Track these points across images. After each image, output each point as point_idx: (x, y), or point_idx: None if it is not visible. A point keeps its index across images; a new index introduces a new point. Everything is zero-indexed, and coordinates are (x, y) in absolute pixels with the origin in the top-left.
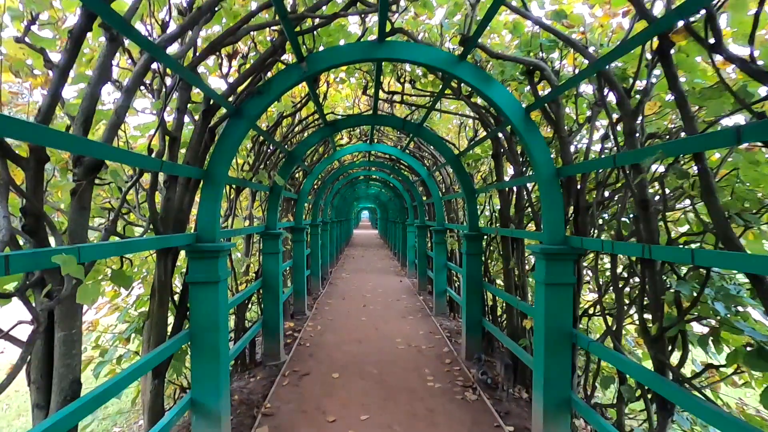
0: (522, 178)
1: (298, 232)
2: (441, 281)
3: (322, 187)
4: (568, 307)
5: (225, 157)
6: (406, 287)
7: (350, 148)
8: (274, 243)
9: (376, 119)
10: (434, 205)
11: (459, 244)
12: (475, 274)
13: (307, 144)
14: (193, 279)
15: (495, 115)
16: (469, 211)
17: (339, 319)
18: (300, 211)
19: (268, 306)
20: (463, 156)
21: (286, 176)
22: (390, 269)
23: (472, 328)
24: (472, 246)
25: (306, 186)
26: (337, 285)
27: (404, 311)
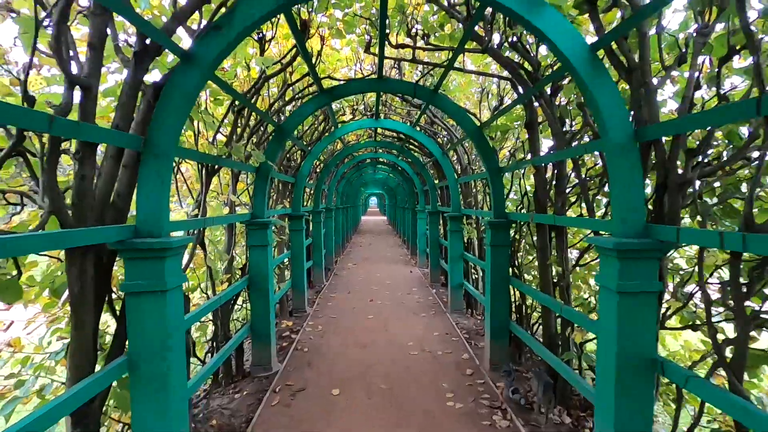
0: (578, 147)
1: (296, 220)
2: (457, 274)
3: (325, 170)
4: (651, 325)
5: (173, 121)
6: (417, 278)
7: (353, 124)
8: (262, 234)
9: (381, 84)
10: (449, 188)
11: (478, 232)
12: (501, 268)
13: (301, 115)
14: (131, 288)
15: (530, 72)
16: (494, 194)
17: (343, 318)
18: (298, 196)
19: (256, 307)
20: (486, 127)
21: (276, 154)
22: (399, 258)
23: (497, 333)
24: (497, 235)
25: (305, 168)
26: (343, 276)
27: (416, 307)
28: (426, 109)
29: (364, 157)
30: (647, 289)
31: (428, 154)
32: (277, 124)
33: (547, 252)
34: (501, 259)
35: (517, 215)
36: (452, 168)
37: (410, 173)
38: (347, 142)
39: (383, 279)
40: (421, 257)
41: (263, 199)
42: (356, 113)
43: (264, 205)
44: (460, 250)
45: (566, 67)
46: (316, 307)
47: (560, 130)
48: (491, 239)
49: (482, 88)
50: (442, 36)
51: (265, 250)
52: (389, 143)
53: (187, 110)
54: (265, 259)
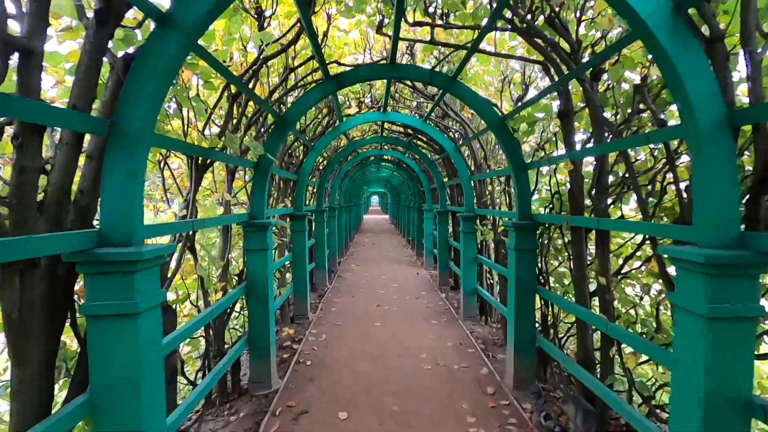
0: (644, 136)
1: (298, 220)
2: (470, 278)
3: (328, 167)
4: (747, 359)
5: (147, 100)
6: (425, 281)
7: (359, 117)
8: (261, 236)
9: (393, 70)
10: (461, 186)
11: (495, 234)
12: (526, 275)
13: (304, 104)
14: (93, 310)
15: (570, 54)
16: (518, 193)
17: (348, 325)
18: (300, 194)
19: (254, 318)
20: (510, 119)
21: (276, 147)
22: (404, 259)
23: (522, 347)
24: (522, 239)
25: (307, 164)
26: (347, 279)
27: (426, 313)
28: (441, 98)
29: (369, 154)
30: (743, 314)
31: (437, 150)
32: (278, 114)
33: (583, 259)
34: (526, 266)
35: (546, 217)
36: (465, 164)
37: (417, 171)
38: (352, 138)
39: (389, 281)
40: (427, 258)
41: (262, 198)
42: (362, 106)
43: (263, 205)
44: (473, 253)
45: (639, 32)
46: (320, 313)
47: (605, 119)
48: (515, 243)
49: (504, 76)
50: (463, 15)
51: (265, 254)
52: (395, 139)
53: (165, 85)
54: (264, 265)
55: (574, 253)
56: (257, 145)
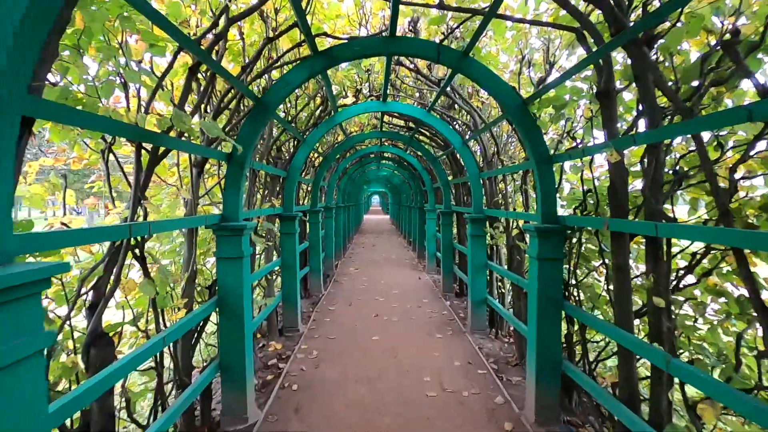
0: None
1: (288, 221)
2: (479, 287)
3: (324, 164)
4: None
5: (21, 38)
6: (427, 286)
7: (356, 107)
8: (235, 242)
9: (394, 44)
10: (469, 185)
11: (509, 238)
12: (551, 289)
13: (288, 84)
14: None
15: (612, 16)
16: (541, 191)
17: (343, 338)
18: (290, 193)
19: (227, 339)
20: (531, 103)
21: (254, 136)
22: (405, 261)
23: (545, 374)
24: (547, 245)
25: (298, 159)
26: (344, 284)
27: (429, 324)
28: (450, 81)
29: (368, 151)
30: None
31: (441, 146)
32: (256, 97)
33: (627, 272)
34: (551, 277)
35: (576, 219)
36: (474, 160)
37: (419, 168)
38: (349, 133)
39: (389, 287)
40: (430, 261)
41: (237, 197)
42: (359, 96)
43: (238, 204)
44: (483, 259)
45: None
46: (312, 324)
47: (672, 94)
48: (538, 250)
49: (522, 56)
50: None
51: (239, 263)
52: (396, 134)
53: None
54: (239, 275)
55: (615, 264)
56: (212, 125)
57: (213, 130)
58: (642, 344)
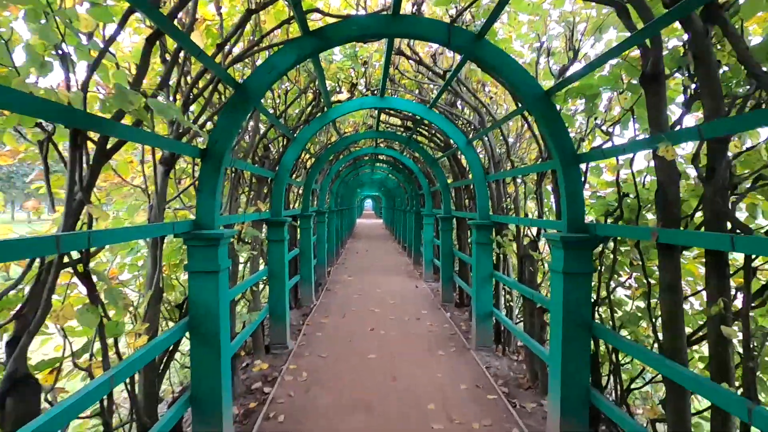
0: None
1: (276, 227)
2: (484, 299)
3: (316, 165)
4: None
5: None
6: (425, 296)
7: (352, 103)
8: (209, 254)
9: (397, 24)
10: (474, 188)
11: (519, 248)
12: (579, 309)
13: (274, 68)
14: None
15: None
16: (566, 195)
17: (336, 356)
18: (279, 195)
19: (200, 368)
20: (554, 94)
21: (234, 127)
22: (401, 268)
23: (572, 406)
24: (573, 258)
25: (288, 158)
26: (337, 292)
27: (430, 339)
28: (460, 68)
29: (363, 153)
30: None
31: (441, 147)
32: (235, 82)
33: (678, 293)
34: (579, 295)
35: (613, 228)
36: (479, 161)
37: (416, 171)
38: (343, 133)
39: (385, 296)
40: (427, 269)
41: (213, 200)
42: (355, 92)
43: (214, 209)
44: (489, 269)
45: None
46: (302, 340)
47: (756, 69)
48: (564, 263)
49: (540, 43)
50: None
51: (215, 278)
52: (393, 134)
53: None
54: (215, 292)
55: (664, 282)
56: (167, 107)
57: (169, 111)
58: (708, 384)
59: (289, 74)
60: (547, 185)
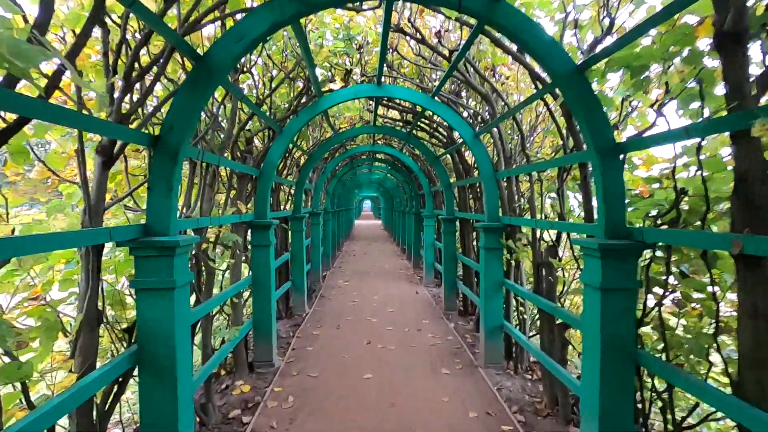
0: None
1: (260, 231)
2: (494, 311)
3: (309, 163)
4: None
5: None
6: (426, 303)
7: (345, 92)
8: (162, 264)
9: None
10: (482, 187)
11: (536, 254)
12: (620, 333)
13: (242, 36)
14: None
15: None
16: (605, 193)
17: (328, 376)
18: (264, 195)
19: (150, 411)
20: (588, 69)
21: (193, 110)
22: (400, 272)
23: None
24: (614, 270)
25: (273, 153)
26: (331, 299)
27: (433, 355)
28: (473, 40)
29: (359, 150)
30: None
31: (444, 143)
32: (194, 52)
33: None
34: (621, 316)
35: (670, 234)
36: (489, 157)
37: (415, 170)
38: (338, 129)
39: (383, 304)
40: (427, 273)
41: (167, 199)
42: (349, 80)
43: (169, 210)
44: (499, 277)
45: None
46: (291, 356)
47: None
48: (602, 277)
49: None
50: None
51: (169, 296)
52: (391, 129)
53: None
54: (170, 314)
55: (748, 305)
56: (34, 51)
57: (32, 55)
58: None
59: (274, 58)
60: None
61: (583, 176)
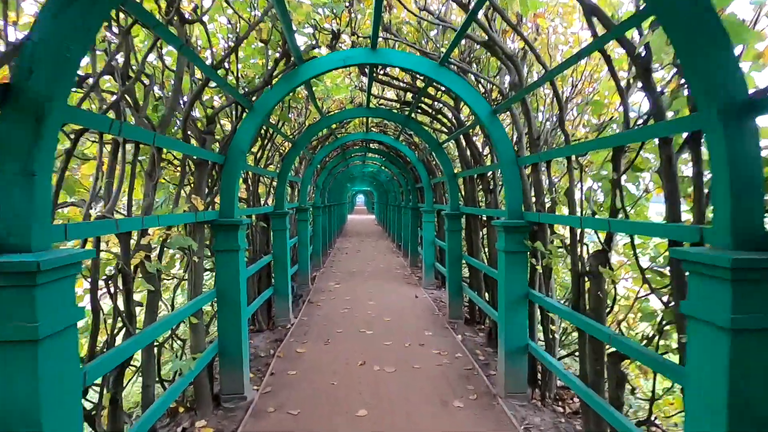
0: None
1: (226, 232)
2: (517, 328)
3: (293, 152)
4: None
5: None
6: (427, 309)
7: (332, 57)
8: (16, 303)
9: None
10: (502, 176)
11: (578, 262)
12: (761, 398)
13: None
14: None
15: None
16: (731, 180)
17: (311, 414)
18: (230, 188)
19: None
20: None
21: (76, 41)
22: (396, 271)
23: None
24: (751, 300)
25: (242, 136)
26: (321, 306)
27: (440, 379)
28: None
29: (351, 138)
30: None
31: (449, 128)
32: None
33: None
34: (764, 373)
35: None
36: (509, 139)
37: (413, 160)
38: (327, 112)
39: (379, 311)
40: (427, 273)
41: (23, 192)
42: (336, 46)
43: (31, 212)
44: (523, 287)
45: None
46: (268, 383)
47: None
48: (733, 313)
49: None
50: None
51: (30, 351)
52: (388, 112)
53: None
54: (30, 386)
55: None
56: None
57: None
58: None
59: (238, 10)
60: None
61: (665, 158)
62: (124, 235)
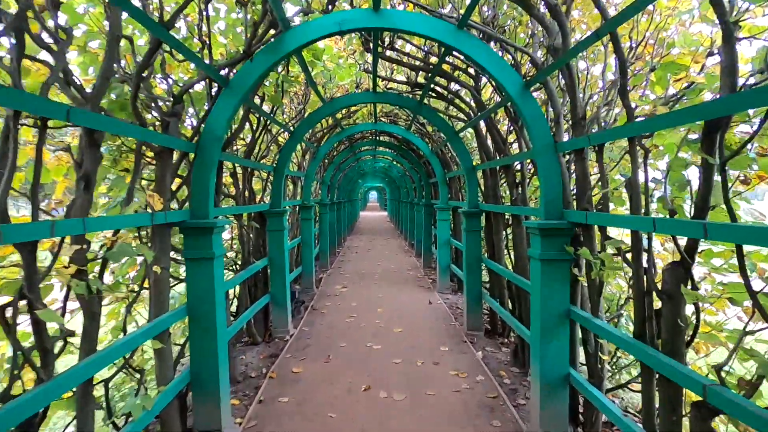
0: None
1: (198, 235)
2: (556, 353)
3: (290, 143)
4: None
5: None
6: (442, 317)
7: (324, 21)
8: None
9: None
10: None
11: (642, 278)
12: None
13: None
14: None
15: None
16: None
17: None
18: (202, 183)
19: None
20: None
21: None
22: (408, 273)
23: None
24: None
25: (216, 119)
26: (324, 314)
27: (460, 414)
28: None
29: (358, 130)
30: None
31: (467, 113)
32: None
33: None
34: None
35: None
36: (545, 120)
37: (426, 153)
38: (329, 98)
39: (388, 321)
40: (442, 276)
41: None
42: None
43: None
44: (564, 304)
45: None
46: (254, 415)
47: None
48: None
49: None
50: None
51: None
52: (397, 97)
53: None
54: None
55: None
56: None
57: None
58: None
59: None
60: None
61: None
62: (26, 246)
